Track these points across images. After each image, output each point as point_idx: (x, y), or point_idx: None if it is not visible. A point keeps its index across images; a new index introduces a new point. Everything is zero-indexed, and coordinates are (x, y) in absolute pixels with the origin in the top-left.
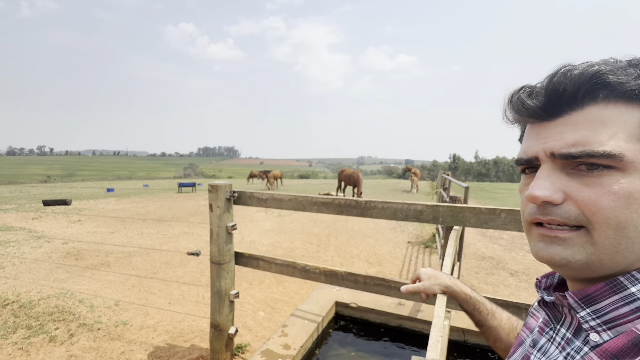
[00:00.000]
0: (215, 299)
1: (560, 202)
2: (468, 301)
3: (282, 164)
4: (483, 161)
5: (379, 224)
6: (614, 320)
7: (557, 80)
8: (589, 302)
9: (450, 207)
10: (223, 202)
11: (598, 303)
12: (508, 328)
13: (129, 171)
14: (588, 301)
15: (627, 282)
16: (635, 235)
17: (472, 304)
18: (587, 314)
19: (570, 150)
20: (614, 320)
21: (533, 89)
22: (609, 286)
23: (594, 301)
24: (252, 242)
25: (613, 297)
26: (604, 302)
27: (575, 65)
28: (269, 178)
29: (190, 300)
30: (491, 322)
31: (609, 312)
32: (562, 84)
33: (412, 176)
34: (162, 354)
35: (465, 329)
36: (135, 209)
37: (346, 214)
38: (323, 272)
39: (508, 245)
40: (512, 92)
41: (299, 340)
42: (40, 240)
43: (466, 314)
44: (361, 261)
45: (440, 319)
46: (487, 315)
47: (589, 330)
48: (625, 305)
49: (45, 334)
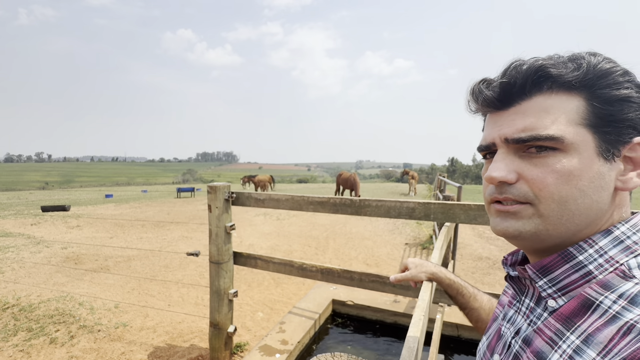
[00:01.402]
0: (215, 298)
1: (514, 181)
2: (452, 286)
3: (280, 168)
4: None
5: (377, 226)
6: (567, 286)
7: (509, 74)
8: (545, 272)
9: (441, 204)
10: (222, 203)
11: (553, 272)
12: (488, 309)
13: (127, 177)
14: (544, 271)
15: (575, 252)
16: (575, 208)
17: (456, 289)
18: (544, 282)
19: (520, 135)
20: (567, 287)
21: (490, 82)
22: (561, 256)
23: (549, 271)
24: (251, 245)
25: (564, 266)
26: (557, 271)
27: (525, 60)
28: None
29: (190, 302)
30: (473, 304)
31: (562, 279)
32: (512, 77)
33: (410, 179)
34: (162, 354)
35: (458, 324)
36: (134, 214)
37: (342, 212)
38: (319, 270)
39: (504, 245)
40: (473, 84)
41: (296, 336)
42: (39, 245)
43: (451, 298)
44: (359, 263)
45: (424, 301)
46: (469, 298)
47: (546, 297)
48: (575, 272)
49: (46, 336)
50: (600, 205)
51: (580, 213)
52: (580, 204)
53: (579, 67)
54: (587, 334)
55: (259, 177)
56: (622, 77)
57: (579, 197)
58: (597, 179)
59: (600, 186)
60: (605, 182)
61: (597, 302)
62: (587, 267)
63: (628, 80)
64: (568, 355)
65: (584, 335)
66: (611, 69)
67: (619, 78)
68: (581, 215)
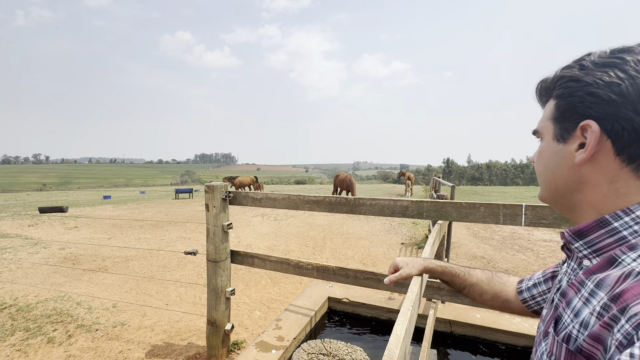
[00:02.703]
0: (212, 296)
1: (534, 161)
2: (445, 272)
3: (279, 169)
4: (476, 165)
5: (374, 226)
6: (601, 249)
7: (539, 85)
8: (581, 236)
9: (434, 202)
10: (219, 202)
11: (588, 236)
12: (486, 278)
13: (125, 179)
14: (580, 235)
15: (611, 219)
16: (545, 179)
17: (449, 272)
18: (580, 245)
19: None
20: (602, 249)
21: (540, 84)
22: (597, 222)
23: (584, 235)
24: (249, 246)
25: (600, 231)
26: (592, 235)
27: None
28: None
29: (188, 302)
30: (471, 280)
31: (597, 242)
32: (540, 87)
33: (406, 181)
34: (159, 352)
35: (452, 320)
36: (132, 215)
37: (337, 211)
38: (315, 268)
39: (499, 245)
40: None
41: (292, 333)
42: (36, 246)
43: (448, 285)
44: (356, 262)
45: (413, 293)
46: (465, 277)
47: (582, 258)
48: (610, 237)
49: (44, 336)
50: (565, 177)
51: (549, 181)
52: (548, 175)
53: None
54: (599, 279)
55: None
56: (572, 78)
57: (544, 171)
58: (553, 157)
59: (556, 162)
60: (559, 159)
61: (619, 260)
62: (621, 233)
63: (579, 71)
64: (585, 298)
65: (597, 280)
66: (565, 74)
67: (569, 82)
68: (550, 183)
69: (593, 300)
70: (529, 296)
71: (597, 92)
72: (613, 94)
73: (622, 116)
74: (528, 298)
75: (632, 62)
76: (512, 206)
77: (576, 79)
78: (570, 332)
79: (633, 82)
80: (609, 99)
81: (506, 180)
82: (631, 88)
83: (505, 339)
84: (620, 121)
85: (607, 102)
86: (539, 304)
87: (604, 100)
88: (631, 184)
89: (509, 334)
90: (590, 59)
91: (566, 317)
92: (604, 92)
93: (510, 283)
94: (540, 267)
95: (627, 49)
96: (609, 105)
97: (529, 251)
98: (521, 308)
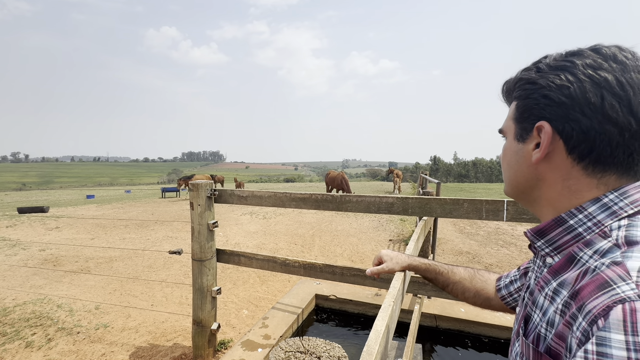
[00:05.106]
0: (197, 295)
1: None
2: (428, 269)
3: (268, 167)
4: (463, 162)
5: (362, 224)
6: (561, 246)
7: (504, 86)
8: (542, 234)
9: (419, 199)
10: (204, 200)
11: (548, 234)
12: (469, 276)
13: (110, 177)
14: (540, 234)
15: (567, 217)
16: (508, 175)
17: (433, 270)
18: (542, 243)
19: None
20: (561, 246)
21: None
22: (554, 221)
23: (545, 233)
24: (237, 244)
25: (558, 229)
26: (552, 233)
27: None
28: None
29: (174, 302)
30: (454, 278)
31: (557, 240)
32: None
33: (395, 178)
34: (144, 354)
35: (437, 315)
36: (116, 214)
37: (323, 208)
38: (302, 265)
39: (483, 240)
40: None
41: (278, 331)
42: (15, 247)
43: (432, 282)
44: (344, 260)
45: (395, 289)
46: (448, 274)
47: (545, 256)
48: (567, 234)
49: (22, 340)
50: (525, 174)
51: (512, 178)
52: (510, 172)
53: (512, 80)
54: (562, 279)
55: (197, 178)
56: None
57: (507, 168)
58: (514, 155)
59: (517, 160)
60: (519, 157)
61: (578, 257)
62: (577, 230)
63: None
64: (550, 296)
65: (560, 279)
66: (523, 76)
67: (526, 84)
68: (513, 180)
69: (557, 298)
70: (507, 293)
71: (549, 94)
72: (563, 96)
73: (571, 118)
74: (506, 295)
75: (581, 66)
76: (495, 202)
77: (532, 81)
78: (539, 331)
79: (581, 85)
80: (560, 101)
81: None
82: (579, 91)
83: (488, 332)
84: (570, 122)
85: (558, 104)
86: (516, 300)
87: (555, 102)
88: (582, 182)
89: (492, 327)
90: (546, 61)
91: (535, 316)
92: (556, 94)
93: (491, 281)
94: (523, 261)
95: (578, 53)
96: (560, 107)
97: (513, 246)
98: (501, 305)
